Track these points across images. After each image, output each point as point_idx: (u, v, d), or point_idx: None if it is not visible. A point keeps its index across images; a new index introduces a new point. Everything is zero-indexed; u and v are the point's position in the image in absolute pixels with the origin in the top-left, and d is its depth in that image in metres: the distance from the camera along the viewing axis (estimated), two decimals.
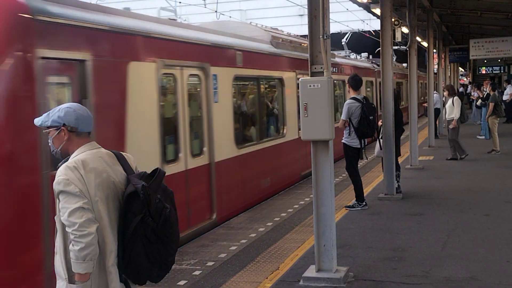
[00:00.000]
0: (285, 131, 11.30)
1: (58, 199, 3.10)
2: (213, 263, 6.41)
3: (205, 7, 24.14)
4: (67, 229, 3.03)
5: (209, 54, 8.41)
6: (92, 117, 3.37)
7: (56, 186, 3.08)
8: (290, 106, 11.44)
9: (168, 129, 7.24)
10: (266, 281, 5.71)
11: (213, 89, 8.29)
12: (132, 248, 3.13)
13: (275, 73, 11.13)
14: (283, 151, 11.09)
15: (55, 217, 3.18)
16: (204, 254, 6.81)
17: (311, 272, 5.71)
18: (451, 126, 13.63)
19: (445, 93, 14.39)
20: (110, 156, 3.30)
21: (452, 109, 13.69)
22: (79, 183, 3.06)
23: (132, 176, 3.23)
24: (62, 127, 3.22)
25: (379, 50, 10.11)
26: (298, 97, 12.03)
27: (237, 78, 9.44)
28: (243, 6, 39.49)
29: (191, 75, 7.87)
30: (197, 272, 6.09)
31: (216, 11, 20.57)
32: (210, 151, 8.17)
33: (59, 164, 3.25)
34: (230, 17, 31.89)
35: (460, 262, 6.04)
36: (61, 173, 3.10)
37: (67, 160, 3.21)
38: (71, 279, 3.13)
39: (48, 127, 3.25)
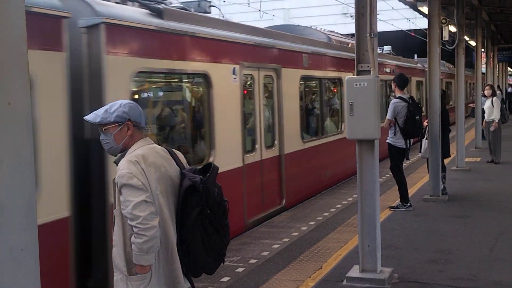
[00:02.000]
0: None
1: (120, 193, 3.16)
2: (256, 260, 6.42)
3: (249, 5, 24.25)
4: (130, 222, 3.09)
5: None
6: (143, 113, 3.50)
7: (120, 180, 3.14)
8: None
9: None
10: (309, 280, 5.69)
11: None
12: (191, 240, 3.21)
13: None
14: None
15: (114, 211, 3.26)
16: (247, 251, 6.83)
17: (354, 272, 5.66)
18: (492, 128, 13.26)
19: (486, 92, 13.69)
20: (164, 151, 3.39)
21: (491, 110, 13.28)
22: (141, 177, 3.13)
23: (186, 171, 3.31)
24: (128, 122, 3.28)
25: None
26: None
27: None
28: (286, 5, 39.44)
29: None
30: (240, 269, 6.12)
31: (259, 10, 20.63)
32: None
33: (116, 158, 3.33)
34: (273, 15, 31.91)
35: (509, 266, 5.87)
36: (124, 167, 3.17)
37: (123, 155, 3.28)
38: (130, 271, 3.19)
39: (107, 124, 3.28)
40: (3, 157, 1.35)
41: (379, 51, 15.34)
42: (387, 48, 19.36)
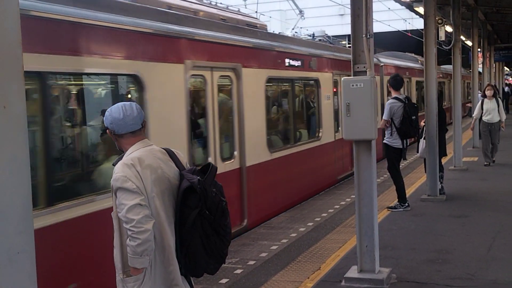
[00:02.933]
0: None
1: (115, 196, 3.19)
2: (254, 262, 6.43)
3: (246, 7, 24.27)
4: (124, 225, 3.11)
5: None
6: (134, 117, 3.32)
7: (114, 183, 3.17)
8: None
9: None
10: (307, 281, 5.70)
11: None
12: (190, 241, 3.23)
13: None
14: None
15: (112, 213, 3.28)
16: (245, 253, 6.84)
17: (353, 272, 5.67)
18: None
19: (487, 93, 12.96)
20: (163, 152, 3.39)
21: (495, 112, 12.76)
22: (136, 180, 3.14)
23: (185, 172, 3.32)
24: (107, 130, 3.38)
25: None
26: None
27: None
28: (283, 6, 39.45)
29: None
30: (238, 271, 6.13)
31: (256, 12, 20.66)
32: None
33: (115, 161, 3.34)
34: (270, 17, 31.92)
35: (507, 265, 5.89)
36: (119, 170, 3.19)
37: (121, 158, 3.29)
38: (127, 273, 3.23)
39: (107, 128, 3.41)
40: None
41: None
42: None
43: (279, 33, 12.02)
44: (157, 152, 3.36)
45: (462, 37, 18.99)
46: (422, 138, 9.55)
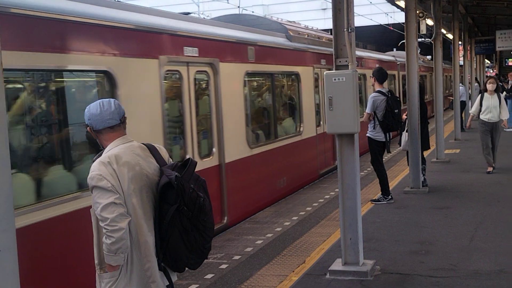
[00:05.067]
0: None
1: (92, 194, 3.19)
2: (239, 257, 6.45)
3: (228, 2, 24.21)
4: (100, 223, 3.12)
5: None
6: (111, 111, 3.30)
7: (89, 181, 3.17)
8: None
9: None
10: (292, 275, 5.73)
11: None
12: (170, 237, 3.22)
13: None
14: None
15: (90, 210, 3.27)
16: (231, 248, 6.85)
17: (337, 265, 5.71)
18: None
19: (489, 87, 11.09)
20: (143, 148, 3.37)
21: (496, 109, 10.94)
22: (111, 178, 3.14)
23: (165, 167, 3.31)
24: (87, 127, 3.37)
25: (403, 42, 10.03)
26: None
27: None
28: (265, 1, 39.43)
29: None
30: (223, 266, 6.14)
31: (239, 7, 20.63)
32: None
33: (94, 158, 3.33)
34: (252, 12, 31.85)
35: (488, 255, 5.97)
36: (95, 168, 3.19)
37: (100, 155, 3.28)
38: (103, 269, 3.26)
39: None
40: None
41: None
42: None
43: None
44: (137, 148, 3.34)
45: (443, 30, 19.14)
46: (405, 131, 9.63)
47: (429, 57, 24.98)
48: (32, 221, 4.54)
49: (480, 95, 11.34)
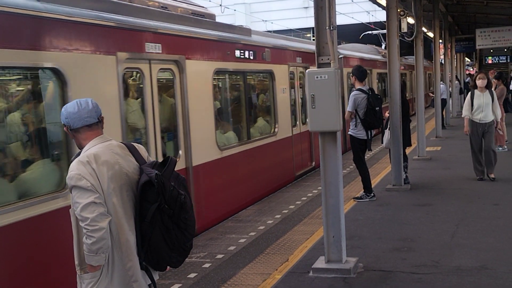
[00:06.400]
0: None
1: (71, 193, 3.14)
2: (222, 255, 6.43)
3: (210, 1, 24.12)
4: (80, 223, 3.09)
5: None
6: (89, 110, 3.28)
7: (69, 181, 3.14)
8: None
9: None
10: (275, 273, 5.73)
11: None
12: (151, 235, 3.20)
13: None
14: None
15: (70, 210, 3.23)
16: (213, 247, 6.83)
17: (320, 263, 5.72)
18: (500, 132, 11.01)
19: (479, 83, 9.91)
20: (121, 147, 3.34)
21: (489, 108, 9.73)
22: (91, 178, 3.10)
23: (145, 166, 3.28)
24: (64, 127, 3.35)
25: (364, 35, 10.06)
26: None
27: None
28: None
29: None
30: (207, 265, 6.12)
31: (220, 5, 20.55)
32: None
33: (72, 158, 3.29)
34: (234, 10, 31.79)
35: (470, 251, 6.03)
36: (74, 168, 3.15)
37: (79, 155, 3.24)
38: (84, 269, 3.23)
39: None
40: None
41: None
42: None
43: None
44: (115, 147, 3.31)
45: (424, 29, 19.28)
46: (387, 129, 9.68)
47: (411, 58, 24.92)
48: None
49: (470, 93, 10.12)
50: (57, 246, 4.92)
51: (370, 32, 29.15)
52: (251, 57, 9.52)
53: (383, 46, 26.14)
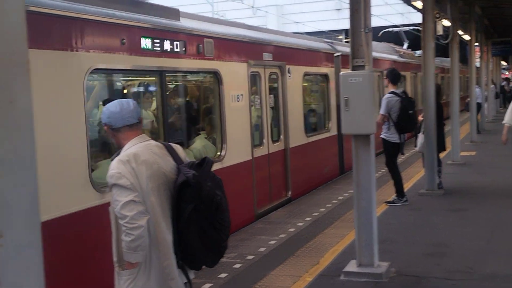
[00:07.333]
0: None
1: (111, 191, 3.21)
2: (253, 256, 6.45)
3: (242, 2, 24.25)
4: (119, 221, 3.14)
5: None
6: (130, 110, 3.35)
7: (109, 180, 3.20)
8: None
9: None
10: (306, 275, 5.72)
11: None
12: (187, 235, 3.24)
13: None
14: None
15: (109, 208, 3.29)
16: (244, 248, 6.86)
17: (352, 267, 5.69)
18: None
19: None
20: (160, 147, 3.40)
21: None
22: (130, 176, 3.16)
23: (182, 166, 3.32)
24: (105, 126, 3.41)
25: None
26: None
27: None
28: (279, 1, 39.42)
29: None
30: (237, 265, 6.15)
31: (252, 7, 20.63)
32: None
33: (112, 157, 3.35)
34: (266, 12, 31.83)
35: (505, 258, 5.92)
36: (114, 166, 3.21)
37: (118, 154, 3.31)
38: (122, 266, 3.27)
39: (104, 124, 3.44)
40: (5, 156, 1.36)
41: None
42: None
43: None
44: (154, 147, 3.37)
45: (460, 32, 18.98)
46: (421, 133, 9.57)
47: (419, 52, 21.87)
48: None
49: None
50: None
51: (390, 29, 26.49)
52: (177, 50, 6.64)
53: (405, 46, 25.11)
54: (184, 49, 6.77)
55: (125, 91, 6.92)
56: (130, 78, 7.00)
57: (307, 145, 10.33)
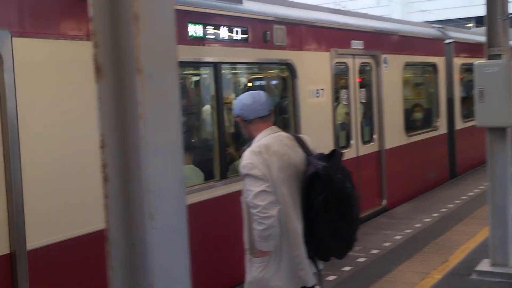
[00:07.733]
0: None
1: (244, 181, 3.31)
2: (377, 251, 6.35)
3: None
4: (251, 210, 3.22)
5: None
6: (262, 102, 3.42)
7: (242, 170, 3.29)
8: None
9: None
10: (434, 273, 5.53)
11: None
12: (317, 226, 3.27)
13: None
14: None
15: (241, 198, 3.40)
16: (368, 241, 6.76)
17: (484, 266, 5.41)
18: None
19: None
20: (290, 138, 3.45)
21: None
22: (262, 167, 3.23)
23: (312, 157, 3.35)
24: (237, 117, 3.49)
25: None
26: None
27: None
28: None
29: None
30: (361, 259, 6.08)
31: None
32: None
33: (243, 148, 3.46)
34: (391, 0, 30.90)
35: None
36: (247, 157, 3.30)
37: (250, 145, 3.40)
38: (254, 254, 3.35)
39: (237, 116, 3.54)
40: (158, 144, 1.46)
41: None
42: None
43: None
44: (284, 138, 3.42)
45: None
46: None
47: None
48: None
49: None
50: None
51: None
52: (237, 39, 5.77)
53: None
54: (243, 37, 5.82)
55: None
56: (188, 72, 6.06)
57: (407, 146, 9.09)
